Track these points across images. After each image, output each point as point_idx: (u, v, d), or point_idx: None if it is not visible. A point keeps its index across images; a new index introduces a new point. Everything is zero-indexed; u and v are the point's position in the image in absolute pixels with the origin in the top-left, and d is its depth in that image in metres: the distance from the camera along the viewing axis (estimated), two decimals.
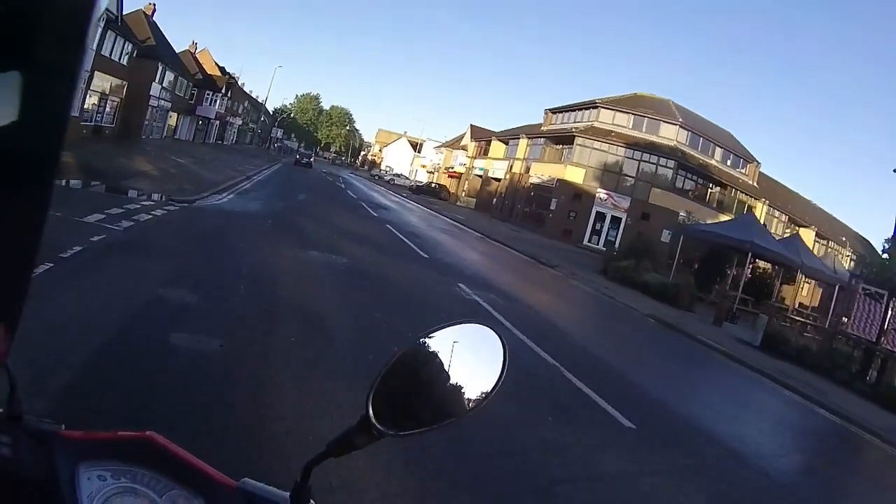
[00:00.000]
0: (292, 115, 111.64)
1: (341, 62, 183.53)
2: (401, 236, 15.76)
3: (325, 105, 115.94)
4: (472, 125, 58.41)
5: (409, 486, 3.17)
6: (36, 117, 0.36)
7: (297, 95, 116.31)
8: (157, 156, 23.42)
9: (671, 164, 33.21)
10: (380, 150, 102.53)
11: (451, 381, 0.78)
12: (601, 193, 33.14)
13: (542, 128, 41.00)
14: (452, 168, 57.03)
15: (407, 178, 64.17)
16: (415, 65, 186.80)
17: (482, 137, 51.72)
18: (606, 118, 34.87)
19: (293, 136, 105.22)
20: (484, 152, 49.23)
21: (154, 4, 38.52)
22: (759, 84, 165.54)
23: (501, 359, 0.80)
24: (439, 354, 0.78)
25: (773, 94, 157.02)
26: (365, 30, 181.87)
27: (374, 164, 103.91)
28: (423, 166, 70.10)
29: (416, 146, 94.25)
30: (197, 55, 54.02)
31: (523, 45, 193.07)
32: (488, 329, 0.83)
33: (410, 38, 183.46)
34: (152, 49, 33.71)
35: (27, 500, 0.60)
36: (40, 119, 0.36)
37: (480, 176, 47.93)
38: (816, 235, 40.03)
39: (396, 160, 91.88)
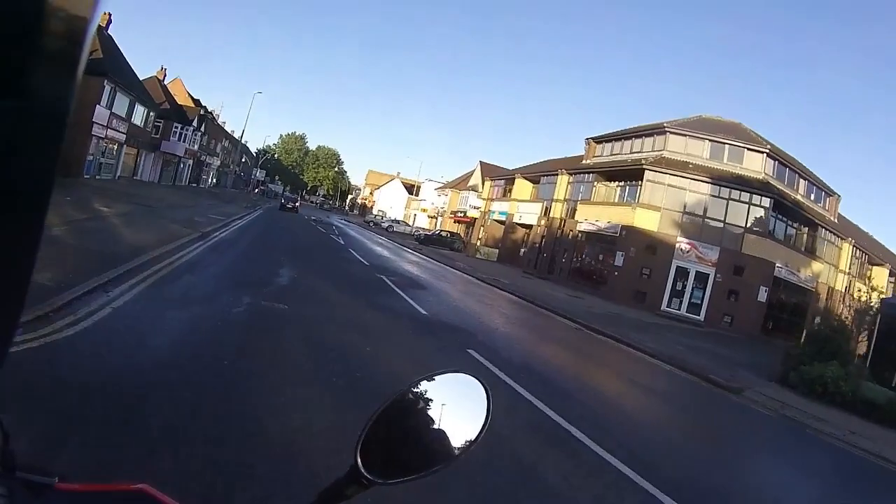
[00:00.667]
0: (276, 155, 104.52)
1: (327, 101, 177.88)
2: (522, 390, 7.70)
3: (312, 146, 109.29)
4: (481, 162, 51.45)
5: None
6: (28, 146, 0.36)
7: (281, 135, 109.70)
8: (83, 202, 15.43)
9: (765, 202, 25.87)
10: (371, 193, 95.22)
11: (437, 429, 0.79)
12: (682, 243, 25.50)
13: (585, 160, 33.76)
14: (461, 212, 49.47)
15: (406, 224, 56.40)
16: (405, 102, 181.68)
17: (497, 175, 44.46)
18: (677, 146, 27.62)
19: (277, 178, 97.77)
20: (504, 193, 41.85)
21: (110, 14, 30.99)
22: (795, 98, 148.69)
23: (486, 406, 0.82)
24: (425, 403, 0.80)
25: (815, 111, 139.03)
26: (352, 70, 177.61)
27: (364, 209, 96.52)
28: (423, 210, 62.54)
29: (412, 188, 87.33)
30: (168, 84, 46.63)
31: (527, 75, 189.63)
32: (472, 378, 0.85)
33: (398, 73, 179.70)
34: (98, 63, 25.98)
35: None
36: (32, 149, 0.37)
37: (501, 221, 40.37)
38: (890, 274, 34.44)
39: (389, 203, 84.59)
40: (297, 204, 45.26)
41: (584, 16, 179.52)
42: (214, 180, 69.90)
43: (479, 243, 39.50)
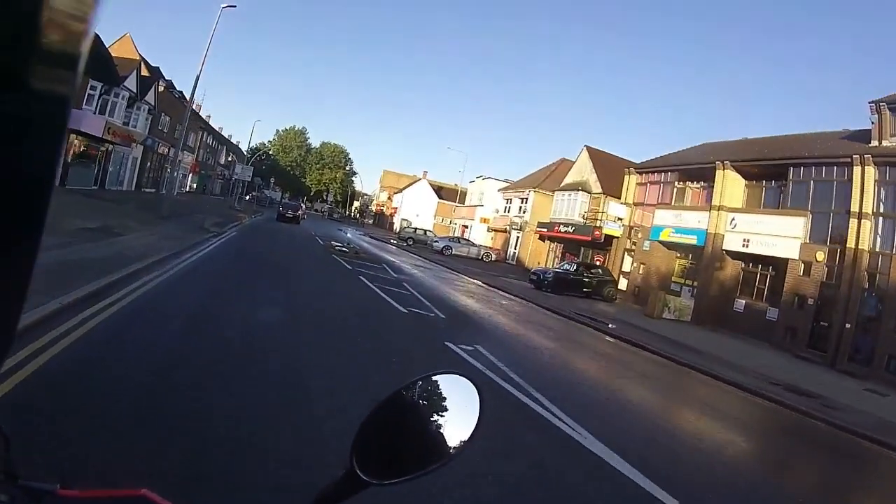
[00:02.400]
0: (272, 154, 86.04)
1: (326, 91, 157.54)
2: None
3: (315, 143, 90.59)
4: (589, 148, 33.51)
5: None
6: (28, 146, 0.36)
7: (277, 130, 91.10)
8: None
9: None
10: (389, 198, 76.79)
11: (431, 429, 0.79)
12: None
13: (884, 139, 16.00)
14: (568, 225, 31.21)
15: (467, 244, 38.08)
16: (417, 90, 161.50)
17: (655, 166, 26.55)
18: None
19: (273, 182, 79.09)
20: (675, 197, 23.93)
21: None
22: None
23: (478, 405, 0.82)
24: (418, 404, 0.81)
25: None
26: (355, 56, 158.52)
27: (382, 217, 78.18)
28: (485, 220, 44.00)
29: (442, 192, 69.13)
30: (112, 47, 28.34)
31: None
32: (463, 378, 0.85)
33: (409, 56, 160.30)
34: None
35: None
36: (32, 149, 0.37)
37: (680, 247, 22.52)
38: None
39: (415, 210, 66.28)
40: (299, 213, 36.74)
41: None
42: (192, 185, 52.02)
43: (663, 300, 20.91)
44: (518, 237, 38.16)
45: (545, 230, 33.83)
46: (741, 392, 10.19)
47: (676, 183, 24.08)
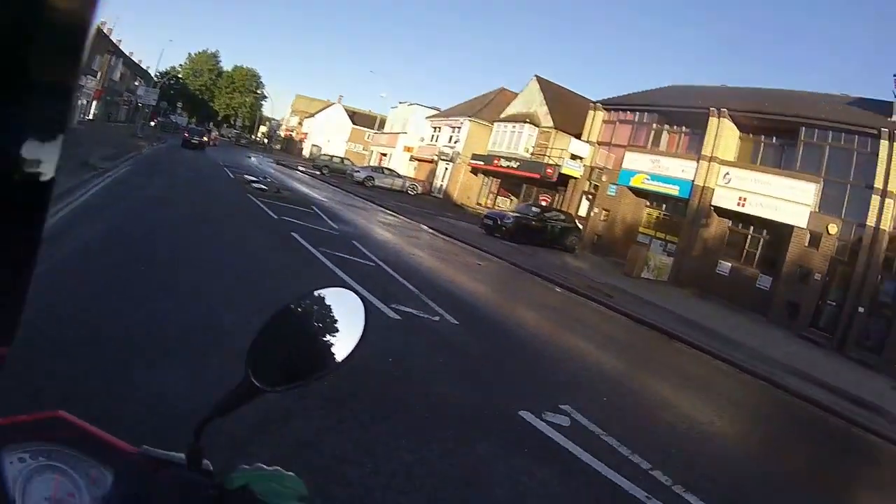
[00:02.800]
0: (181, 78, 74.80)
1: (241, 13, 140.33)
2: None
3: (227, 66, 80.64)
4: (539, 78, 29.80)
5: None
6: (28, 145, 0.36)
7: (190, 54, 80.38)
8: None
9: None
10: (299, 123, 68.81)
11: (320, 339, 0.82)
12: None
13: None
14: (513, 160, 27.03)
15: (393, 174, 32.85)
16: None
17: (630, 104, 22.94)
18: None
19: (180, 107, 69.28)
20: (651, 140, 20.46)
21: None
22: None
23: (363, 317, 0.84)
24: (308, 316, 0.85)
25: None
26: None
27: (291, 143, 70.23)
28: (408, 149, 38.73)
29: (356, 117, 62.35)
30: None
31: None
32: (350, 293, 0.87)
33: None
34: None
35: None
36: (32, 148, 0.36)
37: (662, 197, 19.36)
38: None
39: (326, 136, 60.02)
40: (204, 139, 33.92)
41: None
42: (95, 112, 42.34)
43: (644, 258, 17.22)
44: (447, 169, 33.67)
45: (481, 163, 29.77)
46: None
47: (654, 125, 20.52)
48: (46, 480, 0.65)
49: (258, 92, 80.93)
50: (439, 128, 36.11)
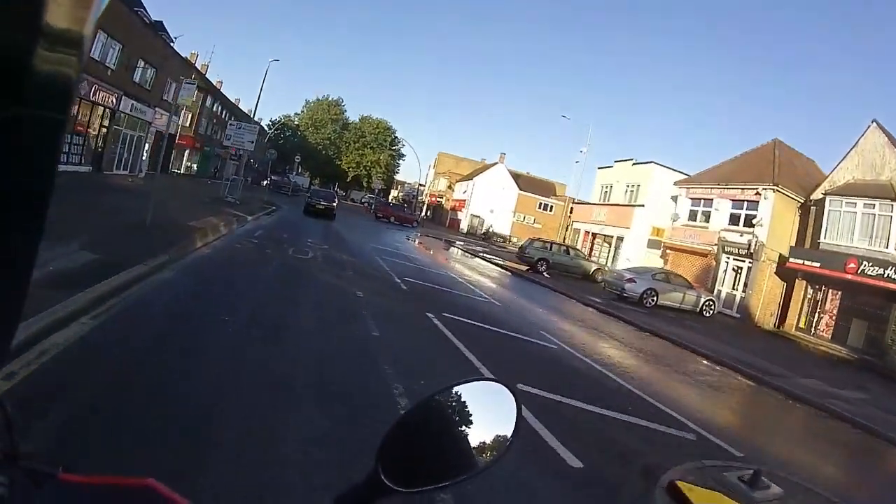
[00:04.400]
0: (299, 129, 69.33)
1: (357, 62, 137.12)
2: None
3: (352, 117, 73.16)
4: (877, 123, 18.44)
5: None
6: (28, 150, 0.37)
7: (307, 101, 74.10)
8: None
9: None
10: (450, 187, 59.60)
11: (462, 438, 0.75)
12: None
13: None
14: (873, 265, 15.28)
15: (682, 283, 19.48)
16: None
17: None
18: None
19: (298, 162, 62.18)
20: None
21: None
22: None
23: (515, 416, 0.78)
24: (451, 411, 0.76)
25: None
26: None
27: (439, 211, 60.93)
28: (659, 232, 26.31)
29: (520, 181, 52.10)
30: None
31: None
32: (501, 386, 0.80)
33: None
34: None
35: None
36: (32, 152, 0.37)
37: None
38: None
39: (489, 205, 50.07)
40: (334, 203, 28.15)
41: None
42: (188, 163, 37.40)
43: None
44: (740, 269, 21.46)
45: (816, 265, 17.35)
46: None
47: None
48: None
49: (394, 148, 71.93)
50: (708, 200, 24.28)
